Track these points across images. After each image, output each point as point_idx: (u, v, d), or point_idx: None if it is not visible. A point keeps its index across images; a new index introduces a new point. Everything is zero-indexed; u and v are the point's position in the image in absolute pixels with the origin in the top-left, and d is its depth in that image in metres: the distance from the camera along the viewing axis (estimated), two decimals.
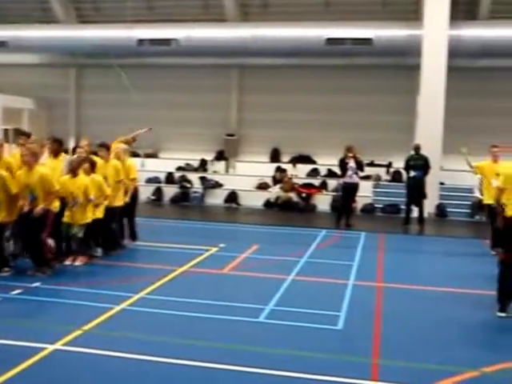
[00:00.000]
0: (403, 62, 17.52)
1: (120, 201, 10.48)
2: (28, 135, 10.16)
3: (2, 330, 6.28)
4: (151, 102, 20.09)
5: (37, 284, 8.24)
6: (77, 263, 9.44)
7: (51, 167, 9.36)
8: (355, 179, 14.17)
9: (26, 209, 8.65)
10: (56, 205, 8.92)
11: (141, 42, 18.32)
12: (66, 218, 9.38)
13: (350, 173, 14.14)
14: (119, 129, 12.02)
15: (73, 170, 9.40)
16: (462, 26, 16.70)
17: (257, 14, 18.72)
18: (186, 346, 6.04)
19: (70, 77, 21.40)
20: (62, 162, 9.84)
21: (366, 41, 17.01)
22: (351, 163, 14.07)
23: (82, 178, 9.49)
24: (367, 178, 17.91)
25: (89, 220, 9.55)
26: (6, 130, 19.36)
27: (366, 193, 17.10)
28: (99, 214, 9.80)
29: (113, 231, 10.46)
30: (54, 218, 8.91)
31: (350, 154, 14.10)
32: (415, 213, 14.31)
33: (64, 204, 9.31)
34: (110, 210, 10.08)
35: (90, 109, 21.06)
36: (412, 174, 14.01)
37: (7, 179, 8.50)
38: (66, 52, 19.41)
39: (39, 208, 8.53)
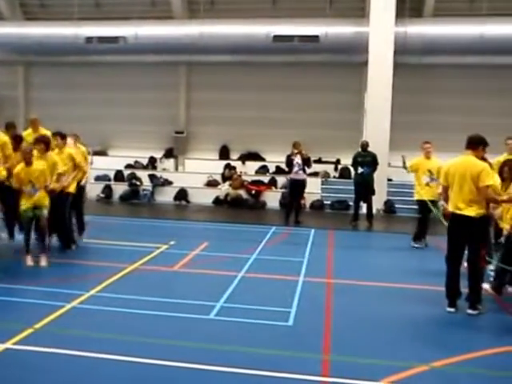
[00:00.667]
0: (350, 59, 17.78)
1: (73, 189, 10.36)
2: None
3: None
4: (100, 99, 19.83)
5: None
6: (43, 264, 9.23)
7: None
8: (301, 175, 14.30)
9: None
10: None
11: (88, 39, 18.08)
12: (26, 205, 9.16)
13: (295, 169, 14.25)
14: (68, 127, 11.79)
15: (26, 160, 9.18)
16: (408, 24, 17.00)
17: (204, 11, 18.66)
18: (136, 343, 6.01)
19: (18, 74, 20.93)
20: None
21: (313, 38, 17.20)
22: (297, 159, 14.19)
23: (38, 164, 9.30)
24: (315, 174, 18.16)
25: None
26: None
27: (314, 189, 17.32)
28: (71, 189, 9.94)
29: (68, 223, 10.36)
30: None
31: (296, 151, 14.23)
32: (364, 209, 14.56)
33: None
34: (63, 196, 9.96)
35: (38, 107, 20.47)
36: (360, 170, 14.22)
37: None
38: (12, 49, 18.92)
39: None
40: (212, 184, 18.70)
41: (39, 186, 9.18)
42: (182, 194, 18.37)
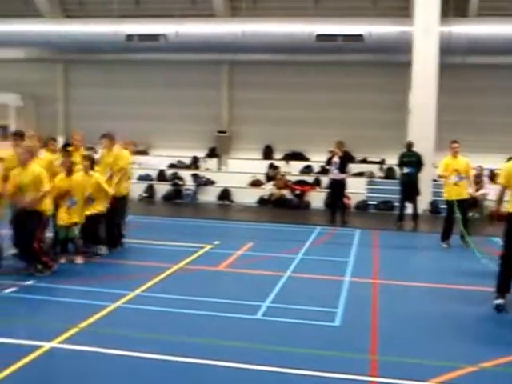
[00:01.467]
0: (394, 58, 17.49)
1: (124, 190, 10.57)
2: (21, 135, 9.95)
3: None
4: (141, 98, 19.99)
5: (31, 282, 8.19)
6: (78, 261, 9.38)
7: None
8: (338, 175, 14.14)
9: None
10: (49, 208, 8.75)
11: (129, 37, 18.11)
12: (61, 221, 9.27)
13: (332, 168, 14.18)
14: (108, 125, 11.93)
15: (69, 170, 9.37)
16: (452, 23, 16.66)
17: (246, 9, 18.62)
18: (182, 343, 6.01)
19: (57, 72, 21.18)
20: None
21: (357, 37, 16.95)
22: (335, 159, 14.07)
23: (79, 177, 9.48)
24: (360, 174, 17.92)
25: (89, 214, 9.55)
26: None
27: (359, 190, 17.09)
28: (101, 207, 9.79)
29: (117, 225, 10.49)
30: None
31: (333, 150, 14.16)
32: (409, 210, 14.29)
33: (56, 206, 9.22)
34: (114, 201, 10.11)
35: (78, 105, 20.87)
36: (405, 170, 13.97)
37: None
38: (52, 47, 19.08)
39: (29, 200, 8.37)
40: (256, 184, 18.65)
41: (77, 199, 9.31)
42: (225, 194, 18.38)
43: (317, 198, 17.58)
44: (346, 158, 14.35)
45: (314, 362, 5.54)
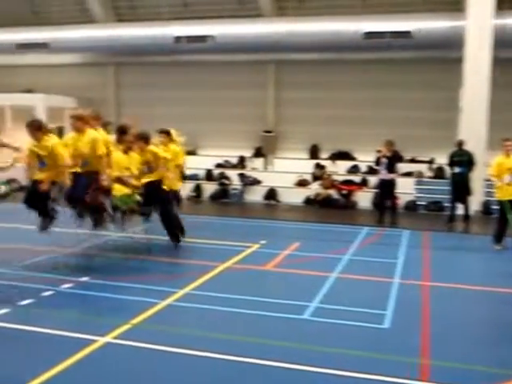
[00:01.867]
0: (444, 55, 17.10)
1: (177, 186, 10.89)
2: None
3: (55, 322, 6.49)
4: (189, 99, 20.21)
5: (86, 278, 8.43)
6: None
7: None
8: (387, 175, 13.95)
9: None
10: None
11: (177, 39, 18.42)
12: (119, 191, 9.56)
13: (380, 168, 14.05)
14: (157, 125, 12.08)
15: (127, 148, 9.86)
16: (508, 16, 16.08)
17: (292, 8, 18.58)
18: (229, 341, 6.06)
19: (108, 75, 21.65)
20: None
21: (406, 34, 16.68)
22: (383, 159, 13.93)
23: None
24: (409, 174, 17.66)
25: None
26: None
27: (408, 190, 16.83)
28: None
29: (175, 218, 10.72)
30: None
31: (381, 150, 14.05)
32: (460, 210, 14.01)
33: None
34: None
35: (128, 106, 21.26)
36: (456, 170, 13.70)
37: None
38: (103, 51, 19.66)
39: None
40: (302, 183, 18.60)
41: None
42: (271, 194, 18.39)
43: (364, 198, 17.42)
44: (395, 158, 14.16)
45: (363, 364, 5.49)
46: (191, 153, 19.91)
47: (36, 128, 8.74)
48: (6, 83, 21.81)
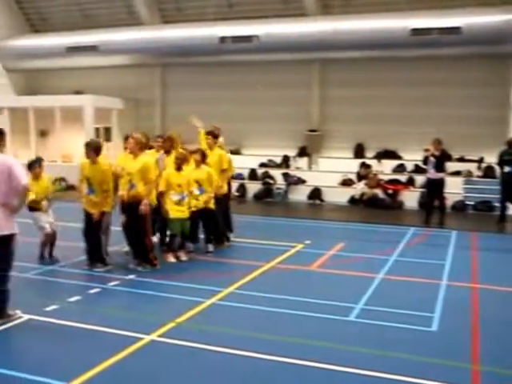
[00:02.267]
0: (496, 50, 16.60)
1: (224, 191, 10.79)
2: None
3: (101, 319, 6.59)
4: (233, 98, 20.27)
5: (132, 276, 8.57)
6: (183, 258, 9.65)
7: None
8: (435, 175, 13.66)
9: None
10: (153, 198, 9.21)
11: (222, 39, 18.51)
12: (177, 213, 9.51)
13: (428, 168, 13.81)
14: (204, 125, 12.17)
15: (179, 165, 9.59)
16: None
17: (337, 6, 18.39)
18: (274, 341, 6.05)
19: (155, 76, 21.92)
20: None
21: (454, 30, 16.27)
22: (431, 158, 13.68)
23: (189, 172, 9.82)
24: (457, 174, 17.27)
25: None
26: (97, 129, 20.15)
27: (456, 189, 16.46)
28: (211, 204, 10.05)
29: (220, 223, 10.67)
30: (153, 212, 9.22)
31: (428, 149, 13.82)
32: (510, 210, 13.63)
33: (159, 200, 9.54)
34: (217, 200, 10.30)
35: (173, 106, 21.53)
36: (507, 169, 13.34)
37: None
38: (150, 52, 19.93)
39: (144, 205, 8.72)
40: (347, 183, 18.43)
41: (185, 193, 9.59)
42: (315, 193, 18.29)
43: (410, 198, 17.14)
44: (443, 157, 13.86)
45: (411, 368, 5.38)
46: (235, 152, 20.04)
47: (93, 149, 8.73)
48: (57, 85, 22.54)
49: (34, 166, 9.21)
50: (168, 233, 9.90)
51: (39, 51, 21.28)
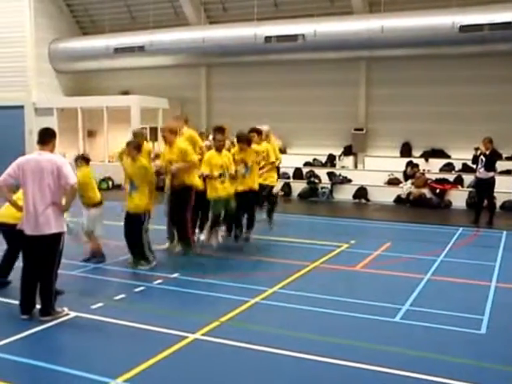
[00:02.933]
0: None
1: (274, 182, 11.59)
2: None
3: (145, 317, 6.67)
4: (278, 97, 20.24)
5: (176, 275, 8.65)
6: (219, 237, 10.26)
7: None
8: (485, 174, 13.34)
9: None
10: (199, 183, 9.71)
11: (267, 39, 18.52)
12: (221, 192, 9.90)
13: (478, 167, 13.52)
14: (247, 123, 12.24)
15: (219, 147, 10.05)
16: None
17: (384, 4, 18.12)
18: (317, 341, 6.04)
19: (200, 76, 22.10)
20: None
21: (507, 25, 15.81)
22: (481, 157, 13.38)
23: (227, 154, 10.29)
24: (507, 173, 16.81)
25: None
26: (143, 129, 20.42)
27: (505, 189, 15.99)
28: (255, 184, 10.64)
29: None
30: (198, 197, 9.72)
31: (478, 147, 13.52)
32: None
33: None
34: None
35: (218, 105, 21.67)
36: None
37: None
38: (196, 53, 20.09)
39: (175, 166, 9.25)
40: (393, 182, 18.18)
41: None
42: (361, 193, 18.11)
43: (459, 198, 16.79)
44: (494, 156, 13.52)
45: (459, 372, 5.28)
46: (280, 151, 19.96)
47: (134, 147, 8.95)
48: (104, 86, 23.02)
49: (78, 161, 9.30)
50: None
51: (88, 53, 21.75)
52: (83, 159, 9.18)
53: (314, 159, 19.96)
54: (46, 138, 6.71)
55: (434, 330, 6.38)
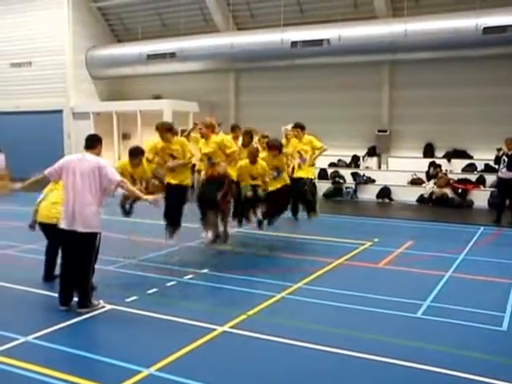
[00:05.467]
0: None
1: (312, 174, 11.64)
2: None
3: (177, 310, 6.93)
4: (304, 100, 20.55)
5: (205, 270, 8.97)
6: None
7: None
8: (507, 174, 13.47)
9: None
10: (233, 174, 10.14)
11: (294, 44, 18.88)
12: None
13: (500, 167, 13.69)
14: (274, 127, 12.52)
15: (253, 158, 10.36)
16: None
17: (408, 8, 18.31)
18: (341, 335, 6.22)
19: (229, 81, 22.60)
20: None
21: None
22: (504, 157, 13.53)
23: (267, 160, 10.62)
24: None
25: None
26: None
27: None
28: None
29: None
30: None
31: (501, 148, 13.64)
32: None
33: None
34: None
35: (246, 109, 22.08)
36: None
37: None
38: (225, 58, 20.65)
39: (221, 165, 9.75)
40: (416, 182, 18.37)
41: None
42: (384, 192, 18.34)
43: (480, 197, 16.96)
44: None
45: (481, 368, 5.38)
46: None
47: (166, 129, 9.49)
48: (136, 91, 23.77)
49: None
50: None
51: (122, 59, 22.58)
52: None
53: (339, 160, 20.24)
54: (93, 143, 7.17)
55: (454, 326, 6.53)
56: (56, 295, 7.08)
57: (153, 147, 9.62)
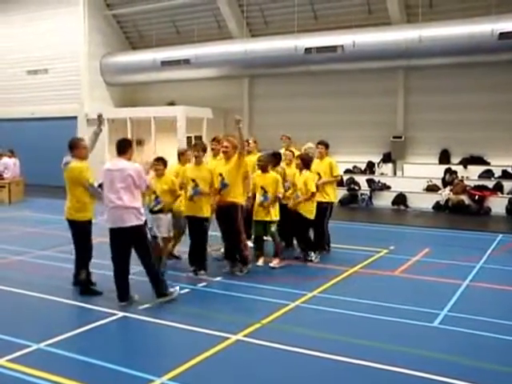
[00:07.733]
0: None
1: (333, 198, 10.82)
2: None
3: (190, 318, 6.93)
4: (319, 107, 20.53)
5: (219, 278, 8.97)
6: (272, 264, 9.71)
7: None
8: None
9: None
10: (243, 199, 9.19)
11: (307, 50, 18.87)
12: (259, 215, 9.73)
13: None
14: (289, 133, 12.45)
15: (263, 167, 9.79)
16: None
17: (422, 14, 18.20)
18: (355, 345, 6.16)
19: (243, 87, 22.63)
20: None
21: None
22: None
23: (273, 174, 9.84)
24: None
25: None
26: (189, 138, 20.92)
27: None
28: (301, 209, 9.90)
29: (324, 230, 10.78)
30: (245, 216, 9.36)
31: None
32: None
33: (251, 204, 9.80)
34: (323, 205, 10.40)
35: (260, 115, 22.09)
36: None
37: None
38: (239, 65, 20.66)
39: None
40: (432, 189, 18.20)
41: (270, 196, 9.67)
42: (400, 199, 18.20)
43: (498, 204, 16.73)
44: None
45: (498, 379, 5.34)
46: None
47: (203, 149, 9.06)
48: (151, 97, 23.95)
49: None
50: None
51: (137, 66, 22.75)
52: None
53: (354, 166, 20.13)
54: (124, 148, 7.49)
55: (472, 336, 6.43)
56: (70, 302, 7.11)
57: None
